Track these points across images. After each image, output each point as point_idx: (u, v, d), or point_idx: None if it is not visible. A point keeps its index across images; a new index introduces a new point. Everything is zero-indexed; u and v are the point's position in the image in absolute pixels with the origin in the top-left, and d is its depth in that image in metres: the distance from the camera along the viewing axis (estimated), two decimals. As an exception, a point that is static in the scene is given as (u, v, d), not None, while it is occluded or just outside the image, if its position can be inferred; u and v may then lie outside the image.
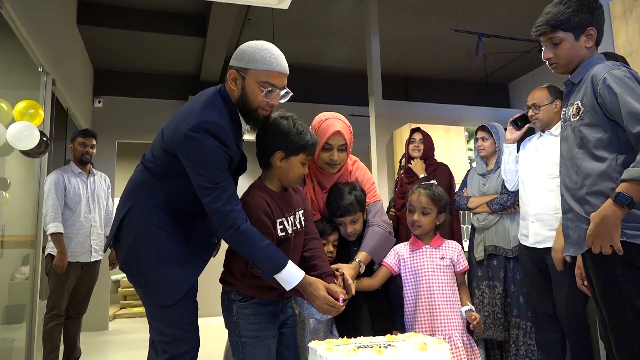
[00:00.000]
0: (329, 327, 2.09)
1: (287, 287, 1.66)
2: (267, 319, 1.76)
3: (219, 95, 1.69)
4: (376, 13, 5.55)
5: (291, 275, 1.66)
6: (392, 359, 1.19)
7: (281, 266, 1.63)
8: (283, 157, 1.75)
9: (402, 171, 3.73)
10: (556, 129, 2.70)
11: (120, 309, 7.59)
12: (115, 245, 1.78)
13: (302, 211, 1.88)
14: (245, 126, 1.76)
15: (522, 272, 2.82)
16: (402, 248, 2.14)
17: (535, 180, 2.69)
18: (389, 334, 1.44)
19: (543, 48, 1.83)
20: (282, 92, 1.70)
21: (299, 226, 1.84)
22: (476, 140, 3.21)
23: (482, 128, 3.19)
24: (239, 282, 1.77)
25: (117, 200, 1.93)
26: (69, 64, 5.19)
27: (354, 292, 1.86)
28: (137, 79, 7.07)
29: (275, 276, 1.64)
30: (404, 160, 3.75)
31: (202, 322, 1.80)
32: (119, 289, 7.89)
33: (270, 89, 1.65)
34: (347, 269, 1.91)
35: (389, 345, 1.27)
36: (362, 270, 1.98)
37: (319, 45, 6.69)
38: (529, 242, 2.67)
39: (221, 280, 1.82)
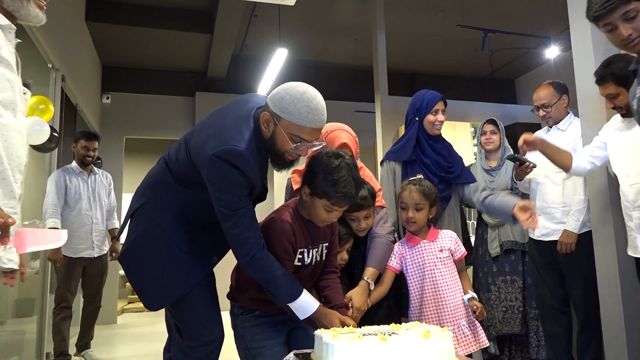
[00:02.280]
0: None
1: (301, 317, 1.65)
2: (271, 328, 1.77)
3: (252, 120, 1.62)
4: (382, 9, 5.56)
5: (306, 304, 1.65)
6: (396, 346, 1.22)
7: (295, 296, 1.62)
8: (309, 193, 1.70)
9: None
10: (563, 123, 2.77)
11: (128, 303, 7.67)
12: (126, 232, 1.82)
13: (326, 244, 1.85)
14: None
15: (531, 265, 2.88)
16: (401, 247, 2.16)
17: (541, 174, 2.74)
18: (393, 323, 1.47)
19: (613, 27, 1.57)
20: (314, 144, 1.63)
21: (318, 259, 1.82)
22: (483, 133, 3.20)
23: (491, 121, 3.20)
24: (240, 295, 1.78)
25: (124, 195, 1.97)
26: (78, 60, 5.24)
27: (368, 305, 1.92)
28: (144, 76, 7.13)
29: (289, 305, 1.64)
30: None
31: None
32: (127, 283, 7.96)
33: (299, 142, 1.58)
34: (357, 297, 1.90)
35: (393, 333, 1.30)
36: (372, 288, 1.99)
37: (325, 41, 6.71)
38: (535, 235, 2.72)
39: (228, 295, 1.83)
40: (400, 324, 1.48)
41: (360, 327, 1.49)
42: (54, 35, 4.00)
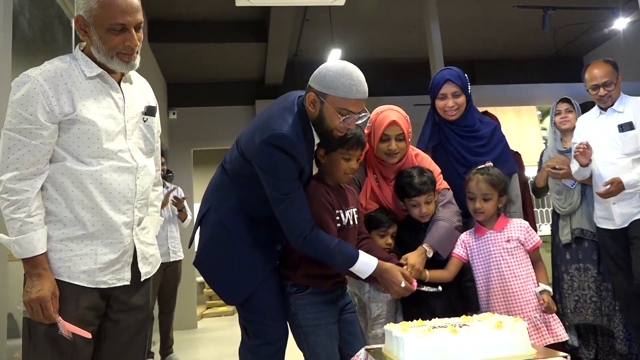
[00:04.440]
0: (392, 314, 2.09)
1: (363, 276, 1.73)
2: (324, 307, 1.81)
3: (296, 107, 1.73)
4: (434, -2, 5.45)
5: (366, 264, 1.72)
6: (467, 338, 1.21)
7: (355, 259, 1.70)
8: (325, 153, 1.82)
9: None
10: (618, 104, 2.65)
11: (207, 308, 7.97)
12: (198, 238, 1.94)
13: (355, 209, 1.93)
14: (317, 141, 1.81)
15: (604, 255, 2.74)
16: (467, 236, 2.12)
17: (607, 160, 2.60)
18: (464, 315, 1.45)
19: None
20: (360, 116, 1.71)
21: (352, 222, 1.88)
22: (557, 113, 3.08)
23: (565, 100, 3.08)
24: (292, 273, 1.83)
25: (195, 206, 2.09)
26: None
27: (427, 275, 1.91)
28: (206, 89, 7.40)
29: (351, 269, 1.71)
30: None
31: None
32: (204, 289, 8.28)
33: (348, 115, 1.66)
34: (412, 256, 1.93)
35: (464, 325, 1.29)
36: (430, 255, 1.97)
37: (379, 37, 6.67)
38: (617, 224, 2.58)
39: (280, 275, 1.89)
40: (461, 315, 1.47)
41: (426, 320, 1.48)
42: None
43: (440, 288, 1.88)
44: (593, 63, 2.69)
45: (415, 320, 1.45)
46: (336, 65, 1.68)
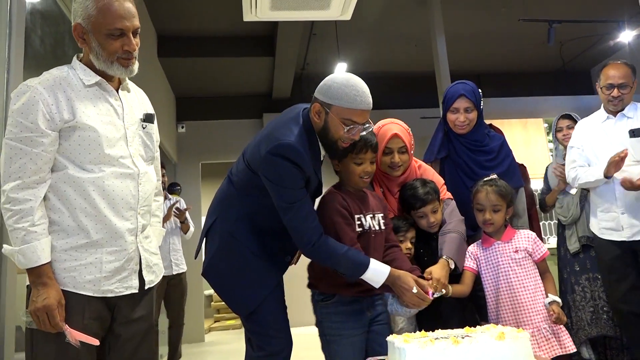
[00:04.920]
0: (413, 328, 2.08)
1: (376, 285, 1.71)
2: (349, 317, 1.81)
3: (302, 119, 1.75)
4: (440, 12, 5.49)
5: (377, 272, 1.70)
6: (469, 349, 1.21)
7: (364, 267, 1.68)
8: (338, 162, 1.85)
9: None
10: (629, 110, 2.54)
11: (215, 322, 7.96)
12: (204, 250, 1.95)
13: (381, 215, 1.91)
14: (323, 153, 1.83)
15: (601, 269, 2.61)
16: (475, 248, 2.12)
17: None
18: (467, 327, 1.45)
19: None
20: (364, 127, 1.73)
21: (378, 227, 1.87)
22: (559, 130, 3.09)
23: (566, 116, 3.08)
24: (318, 281, 1.85)
25: (203, 219, 2.12)
26: (154, 95, 5.58)
27: (450, 291, 1.88)
28: (214, 103, 7.48)
29: (362, 277, 1.70)
30: None
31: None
32: (212, 303, 8.28)
33: (352, 126, 1.68)
34: (436, 270, 1.89)
35: (466, 336, 1.29)
36: (452, 267, 1.96)
37: (385, 50, 6.72)
38: (625, 235, 2.44)
39: (308, 284, 1.92)
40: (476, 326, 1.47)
41: (435, 331, 1.49)
42: (135, 76, 4.32)
43: (444, 291, 1.85)
44: (612, 63, 2.58)
45: (419, 332, 1.45)
46: (341, 76, 1.71)
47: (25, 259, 1.41)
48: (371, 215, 1.86)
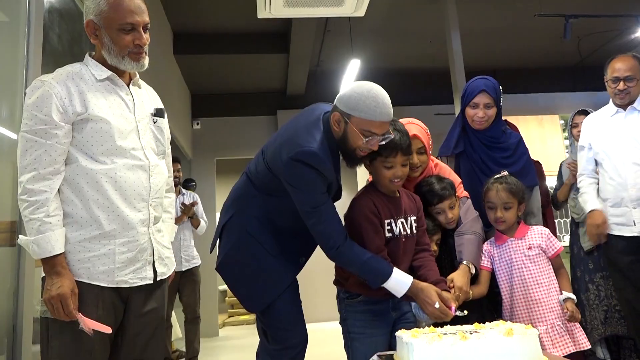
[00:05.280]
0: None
1: (398, 295, 1.70)
2: (374, 317, 1.82)
3: (322, 124, 1.74)
4: (454, 8, 5.46)
5: (399, 282, 1.69)
6: (477, 345, 1.21)
7: (387, 276, 1.68)
8: (369, 162, 1.81)
9: None
10: (638, 103, 2.47)
11: (229, 317, 8.03)
12: (219, 245, 1.96)
13: (414, 217, 1.89)
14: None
15: (609, 265, 2.55)
16: (488, 245, 2.11)
17: (629, 161, 2.43)
18: (476, 322, 1.46)
19: None
20: (384, 137, 1.70)
21: (409, 231, 1.85)
22: (574, 125, 3.06)
23: (582, 112, 3.04)
24: (345, 280, 1.86)
25: (217, 215, 2.14)
26: (170, 92, 5.67)
27: (471, 295, 1.89)
28: (229, 99, 7.52)
29: (384, 285, 1.69)
30: None
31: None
32: (226, 298, 8.35)
33: (371, 137, 1.67)
34: (458, 278, 1.89)
35: (475, 332, 1.29)
36: (473, 272, 1.96)
37: (400, 47, 6.69)
38: (636, 230, 2.38)
39: (334, 282, 1.93)
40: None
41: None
42: (149, 72, 4.35)
43: (466, 312, 1.81)
44: (618, 56, 2.55)
45: (428, 327, 1.46)
46: (362, 87, 1.69)
47: (39, 248, 1.44)
48: (403, 220, 1.84)
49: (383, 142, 1.71)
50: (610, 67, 2.53)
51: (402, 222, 1.83)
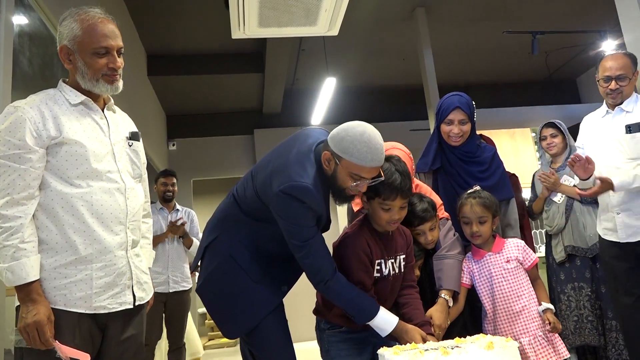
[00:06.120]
0: None
1: (382, 334, 1.69)
2: (356, 345, 1.81)
3: (314, 157, 1.71)
4: (426, 26, 5.58)
5: (385, 321, 1.68)
6: (458, 359, 1.22)
7: (372, 315, 1.67)
8: (366, 200, 1.77)
9: None
10: (628, 104, 2.37)
11: (209, 340, 7.88)
12: (200, 266, 1.92)
13: (403, 256, 1.88)
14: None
15: (604, 270, 2.56)
16: (468, 262, 2.12)
17: (612, 165, 2.35)
18: (457, 337, 1.46)
19: None
20: (373, 181, 1.67)
21: (397, 270, 1.84)
22: (543, 138, 3.11)
23: (549, 125, 3.08)
24: (327, 311, 1.84)
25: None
26: (145, 114, 5.62)
27: (448, 322, 1.89)
28: (205, 120, 7.50)
29: (369, 323, 1.68)
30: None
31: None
32: (206, 321, 8.21)
33: (359, 181, 1.65)
34: (437, 314, 1.88)
35: (456, 346, 1.30)
36: (451, 304, 1.96)
37: (374, 65, 6.79)
38: (620, 237, 2.32)
39: (314, 311, 1.90)
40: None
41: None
42: (123, 94, 4.30)
43: None
44: (610, 54, 2.41)
45: (409, 344, 1.46)
46: (356, 129, 1.64)
47: (13, 276, 1.40)
48: (393, 260, 1.83)
49: (372, 184, 1.69)
50: (601, 66, 2.41)
51: (392, 263, 1.82)
